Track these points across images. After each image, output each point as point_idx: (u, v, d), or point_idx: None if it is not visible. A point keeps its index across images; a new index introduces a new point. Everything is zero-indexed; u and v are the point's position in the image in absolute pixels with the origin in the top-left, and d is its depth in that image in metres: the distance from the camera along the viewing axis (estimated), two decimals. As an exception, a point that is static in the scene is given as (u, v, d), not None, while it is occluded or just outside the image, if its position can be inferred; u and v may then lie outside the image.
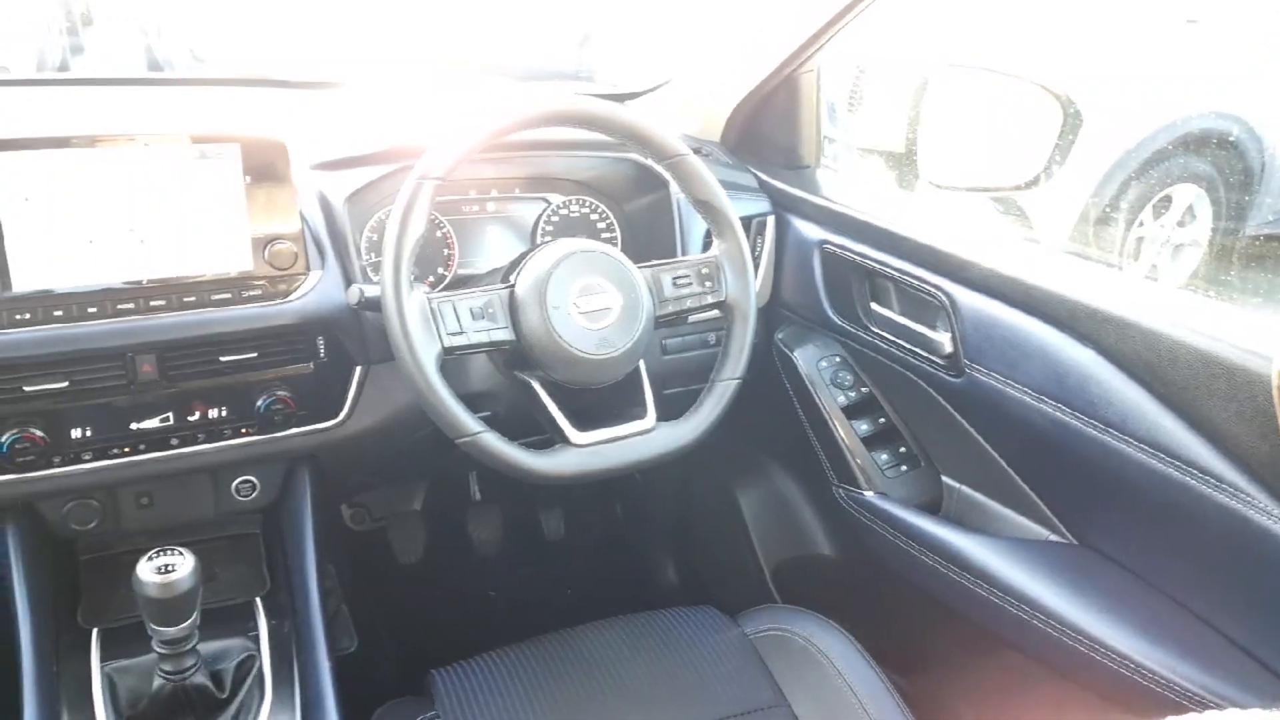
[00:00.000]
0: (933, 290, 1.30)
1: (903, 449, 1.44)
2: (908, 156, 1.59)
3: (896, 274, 1.36)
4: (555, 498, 2.10)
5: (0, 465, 1.06)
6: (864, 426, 1.45)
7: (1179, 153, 3.18)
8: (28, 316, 1.04)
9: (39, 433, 1.07)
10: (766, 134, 1.64)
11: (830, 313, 1.49)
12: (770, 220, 1.54)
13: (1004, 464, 1.28)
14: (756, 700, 1.18)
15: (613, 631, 1.26)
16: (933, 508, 1.39)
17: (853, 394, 1.47)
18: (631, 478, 2.04)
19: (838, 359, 1.49)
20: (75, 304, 1.06)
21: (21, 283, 1.03)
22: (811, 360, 1.50)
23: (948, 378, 1.30)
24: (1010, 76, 1.36)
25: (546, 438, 1.16)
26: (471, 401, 1.10)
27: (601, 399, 1.20)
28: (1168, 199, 3.21)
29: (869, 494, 1.41)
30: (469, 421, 1.08)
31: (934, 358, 1.32)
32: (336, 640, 1.21)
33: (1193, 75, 3.10)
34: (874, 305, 1.44)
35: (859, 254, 1.42)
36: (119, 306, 1.08)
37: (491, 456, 1.10)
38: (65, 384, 1.07)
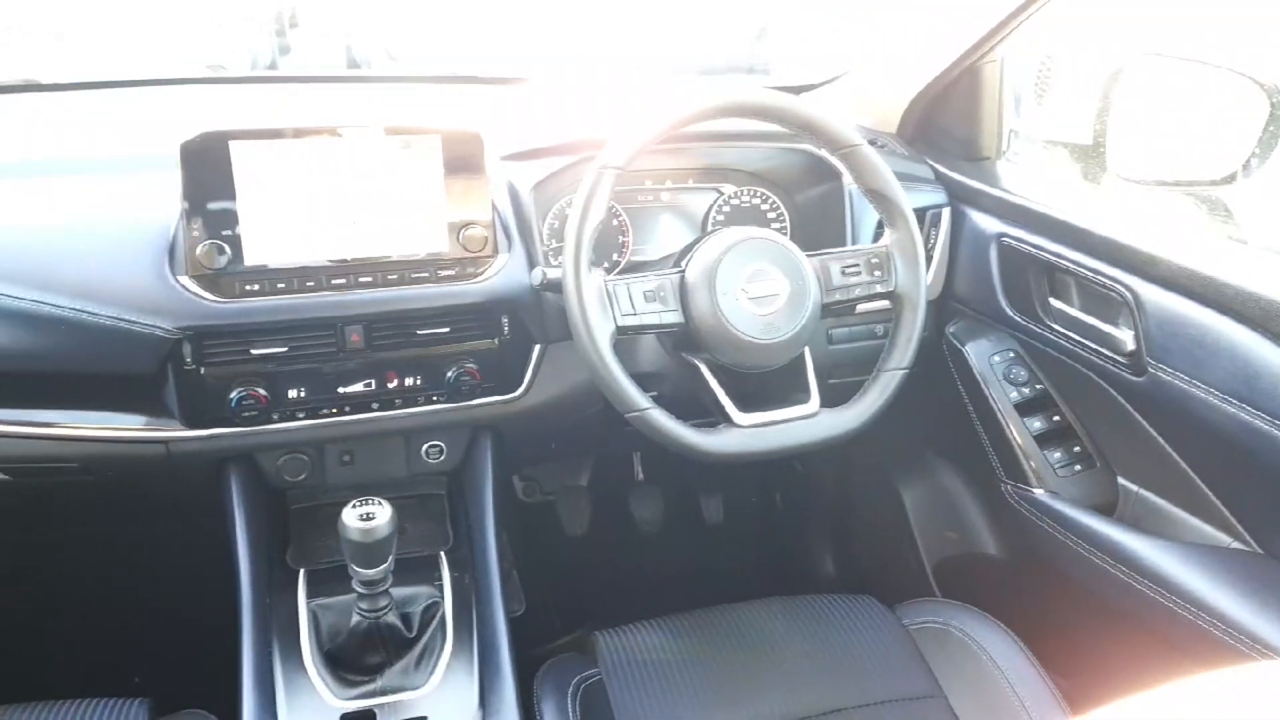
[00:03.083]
0: (1115, 286, 1.26)
1: (1077, 448, 1.40)
2: (1095, 149, 1.53)
3: (1077, 268, 1.32)
4: (716, 483, 2.15)
5: (229, 419, 1.20)
6: (1036, 424, 1.41)
7: None
8: (256, 288, 1.17)
9: (262, 391, 1.19)
10: (945, 125, 1.62)
11: (1006, 307, 1.46)
12: (946, 212, 1.53)
13: (1186, 467, 1.22)
14: (912, 689, 1.18)
15: (771, 610, 1.30)
16: (1107, 509, 1.35)
17: (1026, 390, 1.43)
18: (792, 468, 2.06)
19: (1011, 354, 1.46)
20: (296, 278, 1.18)
21: (252, 257, 1.16)
22: (984, 355, 1.47)
23: (1128, 376, 1.26)
24: (1212, 66, 1.30)
25: (710, 420, 1.20)
26: (640, 381, 1.16)
27: (766, 383, 1.23)
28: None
29: (1039, 492, 1.38)
30: (638, 397, 1.14)
31: (1114, 355, 1.28)
32: (506, 602, 1.29)
33: None
34: (1052, 300, 1.41)
35: (1038, 247, 1.39)
36: (333, 281, 1.19)
37: (658, 432, 1.15)
38: (285, 349, 1.19)
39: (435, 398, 1.28)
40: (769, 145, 1.49)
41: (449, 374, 1.27)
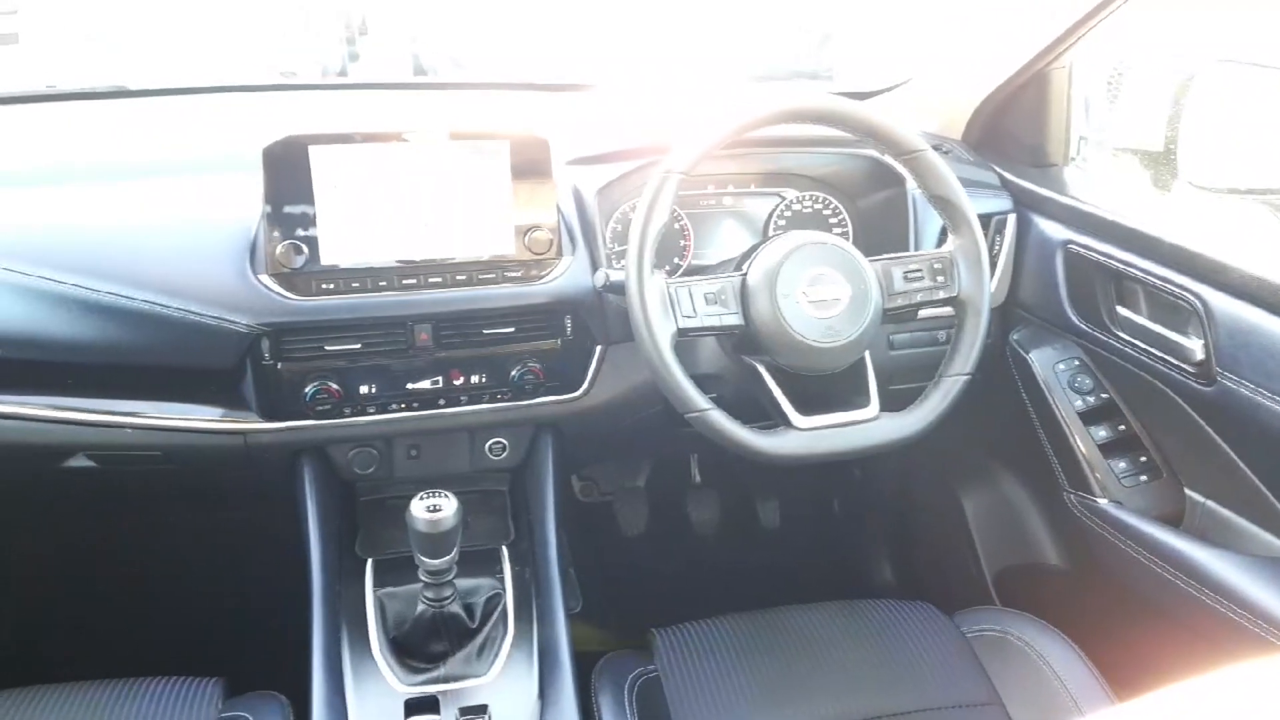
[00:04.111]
0: (1184, 294, 1.24)
1: (1143, 458, 1.38)
2: (1165, 155, 1.51)
3: (1145, 276, 1.31)
4: (773, 487, 2.15)
5: (303, 411, 1.24)
6: (1101, 433, 1.40)
7: None
8: (331, 287, 1.21)
9: (335, 386, 1.24)
10: (1012, 131, 1.61)
11: (1071, 315, 1.45)
12: (1011, 219, 1.52)
13: (1255, 479, 1.20)
14: (969, 696, 1.18)
15: (827, 614, 1.30)
16: (1173, 520, 1.32)
17: (1091, 399, 1.42)
18: (851, 474, 2.05)
19: (1076, 362, 1.45)
20: (369, 278, 1.22)
21: (328, 257, 1.20)
22: (1048, 363, 1.46)
23: (1197, 386, 1.24)
24: (1287, 71, 1.28)
25: (769, 423, 1.21)
26: (700, 383, 1.17)
27: (825, 387, 1.24)
28: None
29: (1103, 501, 1.36)
30: (698, 398, 1.16)
31: (1182, 365, 1.26)
32: (565, 599, 1.32)
33: None
34: (1119, 308, 1.39)
35: (1105, 254, 1.37)
36: (404, 281, 1.23)
37: (717, 432, 1.16)
38: (358, 345, 1.23)
39: (499, 396, 1.31)
40: (832, 150, 1.50)
41: (513, 373, 1.30)
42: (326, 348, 1.23)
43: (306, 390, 1.23)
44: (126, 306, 1.17)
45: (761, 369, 1.23)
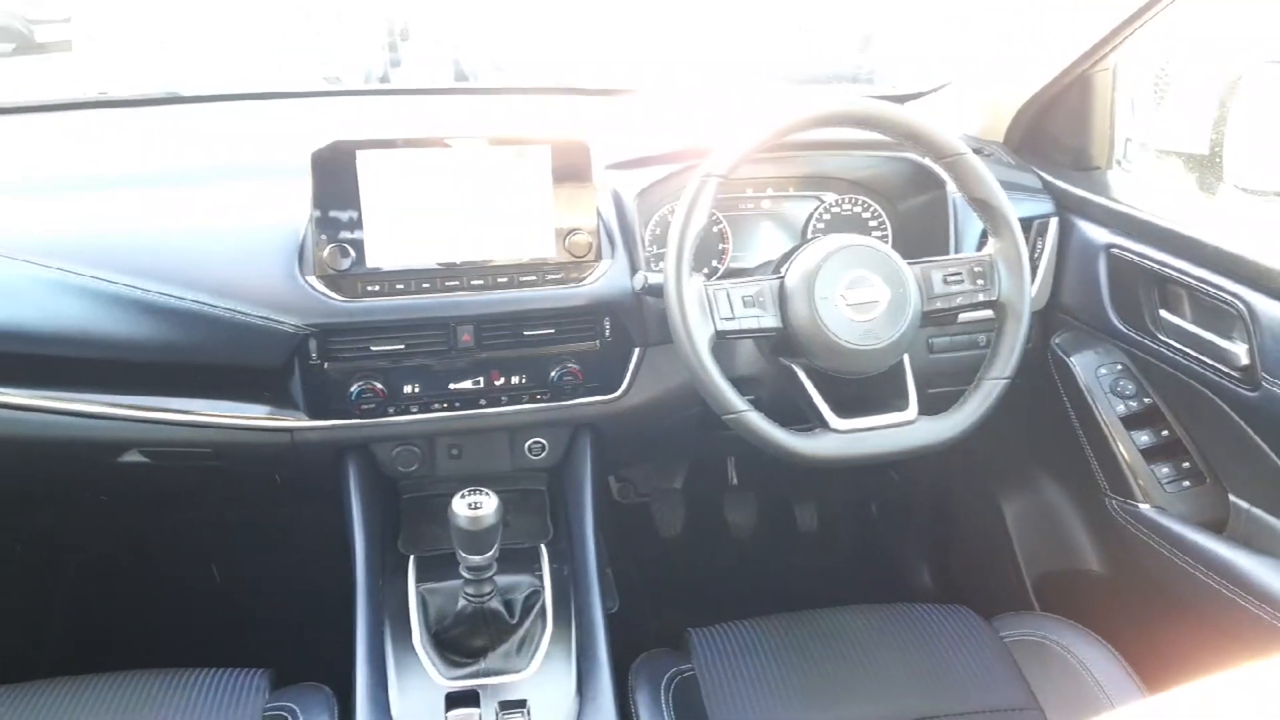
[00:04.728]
0: (1229, 298, 1.23)
1: (1186, 463, 1.36)
2: (1210, 158, 1.50)
3: (1189, 280, 1.29)
4: (810, 490, 2.15)
5: (349, 410, 1.27)
6: (1144, 438, 1.38)
7: None
8: (377, 288, 1.23)
9: (380, 386, 1.26)
10: (1054, 134, 1.60)
11: (1114, 319, 1.43)
12: (1053, 222, 1.51)
13: None
14: (1006, 701, 1.17)
15: (865, 617, 1.30)
16: (1217, 526, 1.31)
17: (1133, 404, 1.41)
18: (889, 477, 2.05)
19: (1119, 367, 1.44)
20: (413, 279, 1.24)
21: (373, 260, 1.23)
22: (1090, 367, 1.45)
23: (1242, 391, 1.23)
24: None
25: (807, 425, 1.22)
26: (738, 385, 1.18)
27: (863, 389, 1.24)
28: None
29: (1145, 507, 1.35)
30: (735, 400, 1.17)
31: (1227, 369, 1.25)
32: (602, 597, 1.33)
33: None
34: (1163, 312, 1.38)
35: (1149, 258, 1.36)
36: (447, 283, 1.25)
37: (754, 434, 1.17)
38: (402, 346, 1.26)
39: (539, 396, 1.33)
40: (871, 153, 1.50)
41: (552, 374, 1.31)
42: (372, 348, 1.25)
43: (352, 389, 1.26)
44: (179, 307, 1.20)
45: (799, 371, 1.23)
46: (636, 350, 1.35)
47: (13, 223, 1.24)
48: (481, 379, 1.30)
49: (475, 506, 1.08)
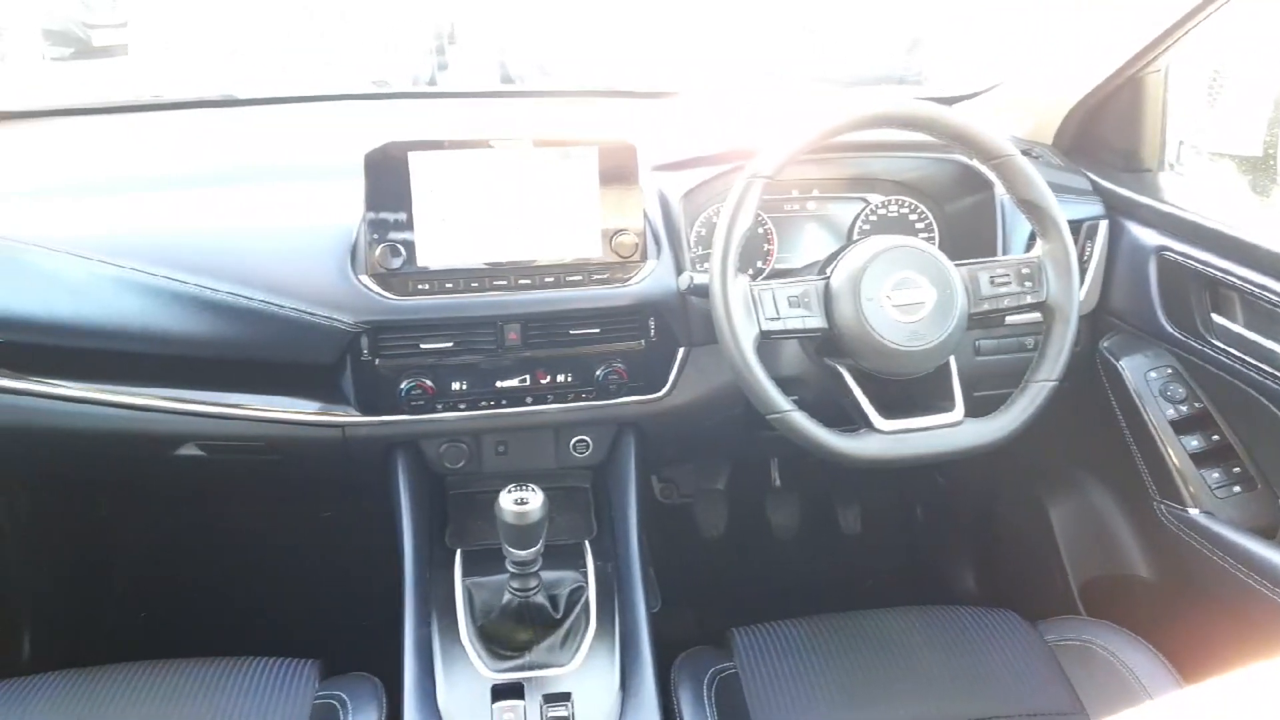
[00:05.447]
0: None
1: (1236, 468, 1.34)
2: (1264, 161, 1.47)
3: (1242, 284, 1.28)
4: (854, 493, 2.14)
5: (398, 407, 1.29)
6: (1194, 442, 1.37)
7: None
8: (427, 287, 1.26)
9: (429, 383, 1.29)
10: (1104, 136, 1.58)
11: (1164, 322, 1.42)
12: (1103, 224, 1.49)
13: None
14: (1051, 705, 1.17)
15: (908, 619, 1.30)
16: (1268, 532, 1.29)
17: (1183, 408, 1.39)
18: (934, 481, 2.04)
19: (1169, 371, 1.42)
20: (462, 278, 1.26)
21: (424, 259, 1.25)
22: (1139, 371, 1.43)
23: None
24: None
25: (851, 426, 1.22)
26: (782, 385, 1.19)
27: (909, 391, 1.24)
28: None
29: (1194, 512, 1.33)
30: (780, 399, 1.17)
31: None
32: (645, 595, 1.34)
33: None
34: (1214, 316, 1.36)
35: (1201, 261, 1.34)
36: (495, 283, 1.27)
37: (798, 433, 1.17)
38: (451, 344, 1.28)
39: (584, 395, 1.34)
40: (918, 155, 1.50)
41: (598, 372, 1.33)
42: (421, 345, 1.28)
43: (402, 386, 1.28)
44: (237, 304, 1.23)
45: (844, 372, 1.24)
46: (681, 350, 1.36)
47: (80, 222, 1.28)
48: (528, 377, 1.32)
49: (522, 502, 1.10)
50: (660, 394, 1.37)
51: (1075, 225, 1.42)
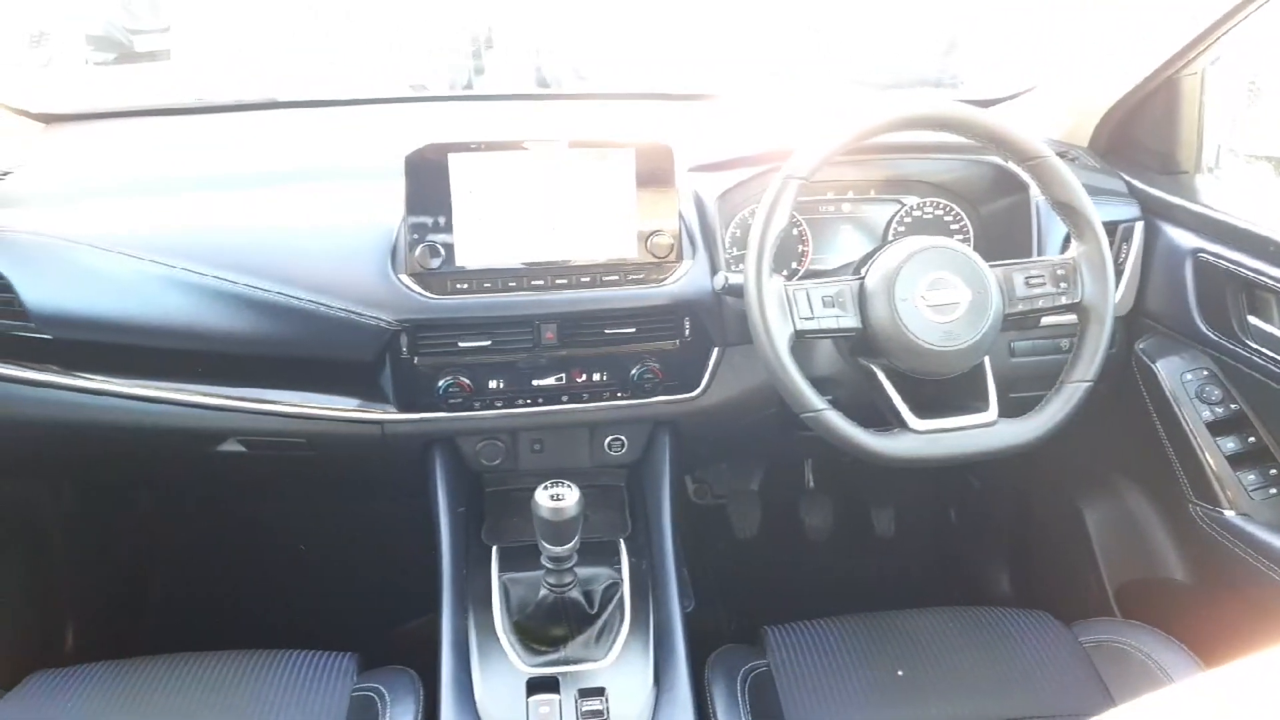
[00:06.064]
0: None
1: (1273, 470, 1.33)
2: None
3: (1278, 285, 1.27)
4: (887, 494, 2.14)
5: (436, 404, 1.32)
6: (1230, 444, 1.36)
7: None
8: (465, 286, 1.28)
9: (466, 380, 1.31)
10: (1140, 139, 1.57)
11: (1200, 324, 1.41)
12: (1139, 226, 1.49)
13: None
14: (1085, 707, 1.16)
15: (942, 619, 1.30)
16: (1306, 535, 1.28)
17: (1220, 410, 1.38)
18: (968, 483, 2.03)
19: (1205, 373, 1.41)
20: (500, 278, 1.28)
21: (462, 259, 1.27)
22: (1175, 373, 1.43)
23: None
24: None
25: (886, 426, 1.22)
26: (816, 385, 1.19)
27: (943, 391, 1.24)
28: None
29: (1230, 514, 1.32)
30: (814, 398, 1.18)
31: None
32: (679, 597, 1.35)
33: None
34: (1251, 318, 1.35)
35: (1238, 264, 1.33)
36: (532, 282, 1.29)
37: (832, 433, 1.18)
38: (488, 342, 1.30)
39: (619, 394, 1.36)
40: (954, 157, 1.50)
41: (633, 371, 1.34)
42: (459, 344, 1.30)
43: (440, 383, 1.30)
44: (279, 302, 1.26)
45: (879, 372, 1.24)
46: (716, 350, 1.37)
47: (130, 222, 1.31)
48: (564, 376, 1.34)
49: (558, 498, 1.11)
50: (695, 393, 1.38)
51: (1111, 227, 1.41)
